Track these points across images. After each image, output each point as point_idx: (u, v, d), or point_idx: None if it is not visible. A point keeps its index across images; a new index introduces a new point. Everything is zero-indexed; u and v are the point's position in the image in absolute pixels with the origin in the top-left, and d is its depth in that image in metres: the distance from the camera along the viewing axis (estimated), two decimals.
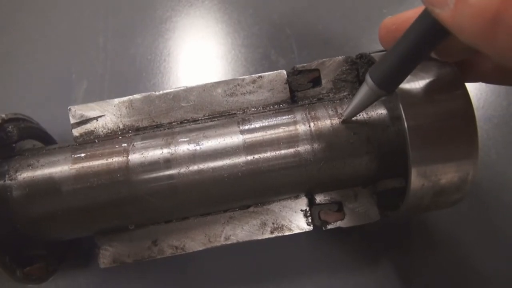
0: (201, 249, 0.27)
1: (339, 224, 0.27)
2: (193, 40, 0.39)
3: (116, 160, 0.25)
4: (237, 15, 0.40)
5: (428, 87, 0.23)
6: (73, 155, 0.26)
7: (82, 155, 0.26)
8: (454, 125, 0.22)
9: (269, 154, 0.25)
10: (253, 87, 0.27)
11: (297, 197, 0.27)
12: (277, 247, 0.31)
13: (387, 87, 0.21)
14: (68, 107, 0.27)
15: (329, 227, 0.27)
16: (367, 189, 0.27)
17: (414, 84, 0.23)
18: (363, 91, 0.22)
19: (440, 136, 0.22)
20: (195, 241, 0.27)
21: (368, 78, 0.22)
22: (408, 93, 0.22)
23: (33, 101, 0.37)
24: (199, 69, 0.38)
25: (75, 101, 0.36)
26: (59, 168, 0.25)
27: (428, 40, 0.19)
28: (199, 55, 0.39)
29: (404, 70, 0.21)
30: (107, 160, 0.25)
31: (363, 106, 0.23)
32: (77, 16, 0.40)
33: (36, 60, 0.39)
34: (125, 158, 0.25)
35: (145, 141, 0.26)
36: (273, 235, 0.27)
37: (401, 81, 0.21)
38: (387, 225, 0.31)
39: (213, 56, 0.39)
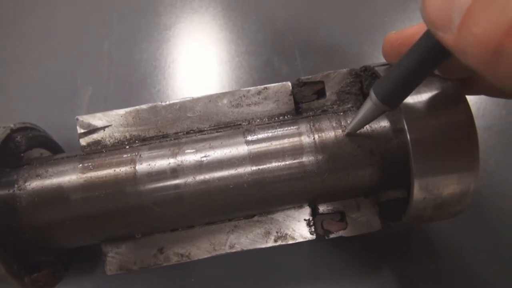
0: (206, 257, 0.27)
1: (341, 233, 0.27)
2: (197, 47, 0.40)
3: (123, 170, 0.26)
4: (241, 22, 0.40)
5: (430, 101, 0.23)
6: (81, 165, 0.26)
7: (90, 165, 0.26)
8: (455, 138, 0.23)
9: (274, 165, 0.26)
10: (259, 98, 0.27)
11: (300, 206, 0.27)
12: (280, 255, 0.31)
13: (391, 103, 0.22)
14: (76, 117, 0.27)
15: (331, 236, 0.27)
16: (370, 199, 0.28)
17: (417, 97, 0.23)
18: (367, 106, 0.23)
19: (442, 149, 0.23)
20: (200, 249, 0.27)
21: (372, 94, 0.22)
22: (411, 107, 0.23)
23: (39, 107, 0.37)
24: (203, 75, 0.39)
25: (81, 107, 0.37)
26: (67, 177, 0.26)
27: (432, 59, 0.19)
28: (203, 62, 0.39)
29: (407, 87, 0.21)
30: (114, 170, 0.26)
31: (367, 121, 0.24)
32: (82, 22, 0.41)
33: (41, 65, 0.39)
34: (132, 168, 0.26)
35: (152, 151, 0.26)
36: (276, 244, 0.27)
37: (404, 97, 0.22)
38: (388, 233, 0.32)
39: (217, 63, 0.39)
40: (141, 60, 0.39)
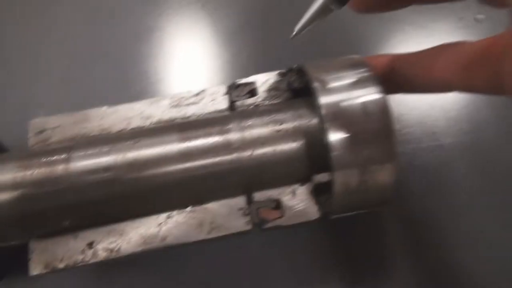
0: (137, 251, 0.26)
1: (278, 222, 0.26)
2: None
3: (58, 166, 0.26)
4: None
5: (349, 94, 0.25)
6: (17, 163, 0.27)
7: (27, 162, 0.27)
8: (373, 131, 0.25)
9: (204, 158, 0.26)
10: (196, 98, 0.30)
11: (235, 195, 0.27)
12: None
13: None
14: (28, 121, 0.30)
15: (268, 225, 0.26)
16: (306, 187, 0.27)
17: (336, 95, 0.25)
18: (318, 2, 0.23)
19: (361, 141, 0.24)
20: (130, 243, 0.26)
21: None
22: (329, 103, 0.25)
23: None
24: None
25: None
26: (2, 176, 0.26)
27: None
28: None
29: None
30: (50, 166, 0.26)
31: (314, 18, 0.24)
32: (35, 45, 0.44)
33: None
34: (66, 164, 0.26)
35: (88, 148, 0.27)
36: (210, 235, 0.26)
37: None
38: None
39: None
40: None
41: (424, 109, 0.40)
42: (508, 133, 0.39)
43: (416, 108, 0.40)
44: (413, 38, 0.44)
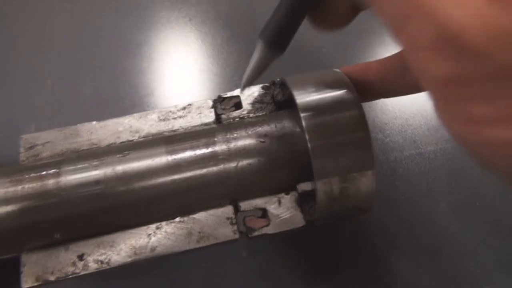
0: (127, 261, 0.26)
1: (264, 230, 0.27)
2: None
3: (48, 181, 0.27)
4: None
5: (328, 106, 0.27)
6: (8, 178, 0.28)
7: (18, 177, 0.28)
8: (351, 141, 0.26)
9: (192, 170, 0.27)
10: (183, 112, 0.31)
11: (222, 205, 0.28)
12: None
13: (277, 46, 0.23)
14: (20, 136, 0.30)
15: (254, 234, 0.27)
16: (291, 195, 0.28)
17: (316, 107, 0.26)
18: (257, 54, 0.23)
19: (341, 149, 0.26)
20: (120, 254, 0.27)
21: (258, 40, 0.23)
22: (310, 114, 0.26)
23: None
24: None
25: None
26: None
27: None
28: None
29: (289, 25, 0.22)
30: (41, 181, 0.27)
31: (258, 71, 0.24)
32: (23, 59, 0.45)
33: None
34: (56, 179, 0.27)
35: (78, 162, 0.28)
36: (199, 245, 0.27)
37: (289, 37, 0.23)
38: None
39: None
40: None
41: (406, 118, 0.42)
42: None
43: (398, 117, 0.42)
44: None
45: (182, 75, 0.44)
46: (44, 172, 0.28)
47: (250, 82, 0.25)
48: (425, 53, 0.13)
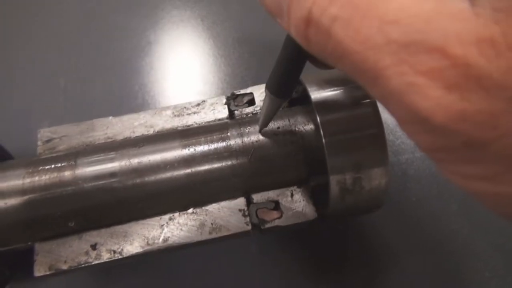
0: (139, 252, 0.27)
1: (277, 222, 0.27)
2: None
3: (65, 172, 0.28)
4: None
5: (342, 102, 0.27)
6: (25, 170, 0.28)
7: (35, 168, 0.28)
8: (366, 137, 0.26)
9: (206, 163, 0.28)
10: (197, 108, 0.31)
11: (235, 197, 0.28)
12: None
13: (283, 94, 0.25)
14: (38, 130, 0.31)
15: (267, 226, 0.27)
16: (303, 188, 0.28)
17: (331, 103, 0.27)
18: (266, 101, 0.26)
19: (355, 145, 0.26)
20: (133, 244, 0.27)
21: (266, 90, 0.26)
22: (324, 110, 0.26)
23: None
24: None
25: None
26: (11, 182, 0.28)
27: (298, 48, 0.20)
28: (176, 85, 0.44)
29: (290, 77, 0.24)
30: (57, 172, 0.28)
31: (270, 114, 0.27)
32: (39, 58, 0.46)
33: None
34: (73, 170, 0.28)
35: (94, 154, 0.29)
36: (211, 236, 0.27)
37: (293, 87, 0.26)
38: None
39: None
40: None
41: None
42: None
43: None
44: None
45: (193, 75, 0.45)
46: (60, 164, 0.28)
47: (266, 125, 0.28)
48: (407, 127, 0.15)
